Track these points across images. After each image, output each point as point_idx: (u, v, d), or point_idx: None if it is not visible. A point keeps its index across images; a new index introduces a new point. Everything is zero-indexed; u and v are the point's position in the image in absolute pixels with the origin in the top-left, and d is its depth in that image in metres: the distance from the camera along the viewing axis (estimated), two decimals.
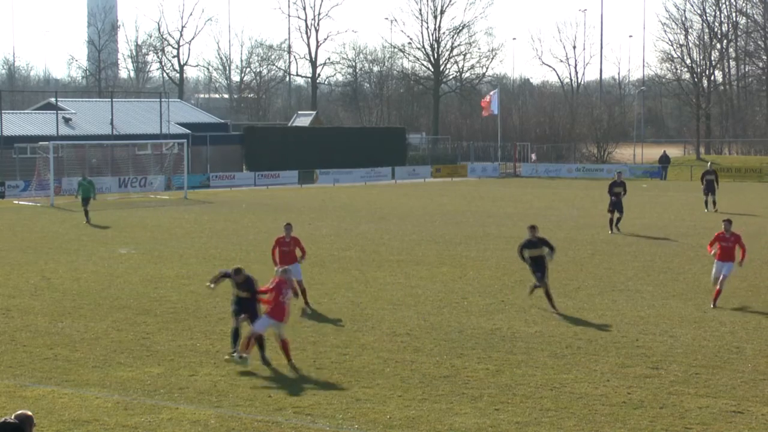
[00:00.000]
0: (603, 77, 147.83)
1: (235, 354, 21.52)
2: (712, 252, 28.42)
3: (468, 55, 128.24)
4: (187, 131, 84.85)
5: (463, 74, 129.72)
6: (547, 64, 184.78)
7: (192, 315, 26.81)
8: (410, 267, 35.41)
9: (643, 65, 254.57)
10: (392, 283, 32.09)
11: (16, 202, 64.48)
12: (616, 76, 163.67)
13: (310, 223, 50.43)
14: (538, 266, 27.65)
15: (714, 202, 57.13)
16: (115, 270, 34.76)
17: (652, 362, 21.52)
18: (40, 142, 69.71)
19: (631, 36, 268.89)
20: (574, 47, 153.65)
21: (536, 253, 27.75)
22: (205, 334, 24.38)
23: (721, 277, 27.79)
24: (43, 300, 28.94)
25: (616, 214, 46.25)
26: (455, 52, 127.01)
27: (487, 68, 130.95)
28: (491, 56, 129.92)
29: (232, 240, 43.63)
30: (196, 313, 27.02)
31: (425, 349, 22.81)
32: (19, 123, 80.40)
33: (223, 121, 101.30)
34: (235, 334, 22.15)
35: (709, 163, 66.92)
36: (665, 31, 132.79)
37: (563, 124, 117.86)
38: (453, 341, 23.63)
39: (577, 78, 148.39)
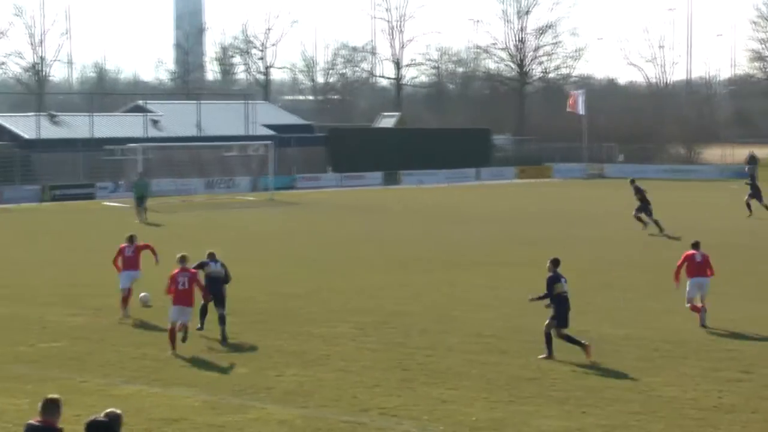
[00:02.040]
0: (691, 77, 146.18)
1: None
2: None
3: (553, 56, 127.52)
4: (273, 133, 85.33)
5: (548, 75, 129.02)
6: (633, 64, 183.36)
7: (278, 316, 26.94)
8: (495, 269, 35.30)
9: (732, 64, 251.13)
10: (477, 284, 32.01)
11: (105, 203, 65.28)
12: (705, 76, 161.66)
13: (395, 225, 50.47)
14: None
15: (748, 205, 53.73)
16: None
17: (743, 366, 21.21)
18: (129, 144, 70.46)
19: (719, 35, 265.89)
20: (662, 47, 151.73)
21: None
22: (292, 335, 24.48)
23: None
24: (133, 299, 29.23)
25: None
26: (540, 52, 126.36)
27: (572, 69, 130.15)
28: (577, 56, 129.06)
29: (317, 241, 43.77)
30: (282, 314, 27.16)
31: (511, 351, 22.72)
32: (109, 125, 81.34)
33: (308, 122, 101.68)
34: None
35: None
36: (755, 29, 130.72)
37: (650, 125, 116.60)
38: (539, 343, 23.45)
39: (665, 78, 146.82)
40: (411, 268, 35.58)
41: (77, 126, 78.80)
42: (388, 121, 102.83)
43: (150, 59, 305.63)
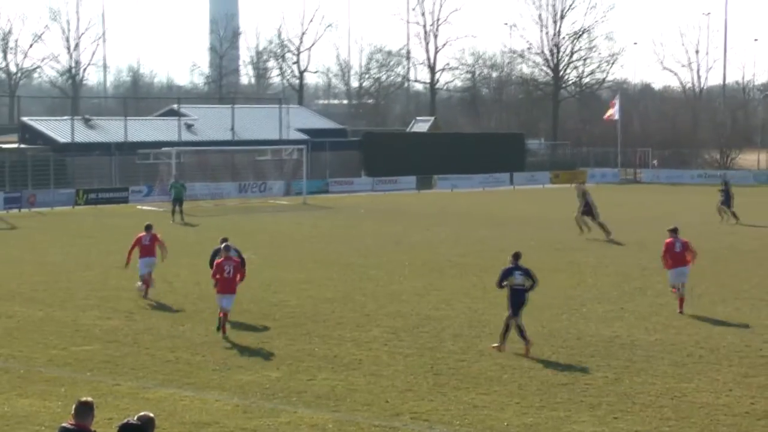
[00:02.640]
0: (726, 82, 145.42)
1: None
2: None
3: (588, 60, 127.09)
4: (307, 137, 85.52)
5: (582, 79, 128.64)
6: (668, 69, 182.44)
7: (310, 320, 27.01)
8: None
9: None
10: None
11: (139, 207, 65.59)
12: (740, 81, 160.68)
13: (428, 229, 50.46)
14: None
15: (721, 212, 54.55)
16: None
17: None
18: (163, 148, 70.78)
19: (756, 39, 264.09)
20: (697, 51, 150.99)
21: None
22: (323, 339, 24.54)
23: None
24: (166, 303, 29.41)
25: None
26: (575, 57, 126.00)
27: (607, 73, 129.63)
28: (612, 61, 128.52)
29: (350, 245, 43.83)
30: (314, 318, 27.22)
31: (543, 356, 22.69)
32: (143, 129, 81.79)
33: (341, 126, 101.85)
34: None
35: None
36: None
37: (685, 130, 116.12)
38: (571, 348, 23.47)
39: (700, 82, 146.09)
40: (444, 272, 35.58)
41: (112, 130, 79.25)
42: (422, 125, 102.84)
43: (184, 63, 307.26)
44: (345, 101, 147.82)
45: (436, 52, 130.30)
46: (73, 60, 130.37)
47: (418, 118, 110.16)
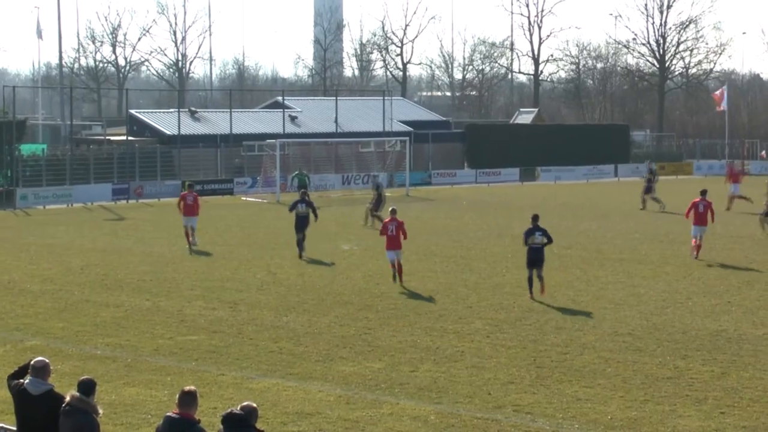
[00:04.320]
0: None
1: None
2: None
3: (695, 51, 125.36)
4: (410, 129, 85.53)
5: (689, 70, 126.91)
6: None
7: (412, 311, 27.03)
8: (632, 266, 34.89)
9: None
10: (614, 282, 31.71)
11: (244, 198, 66.19)
12: None
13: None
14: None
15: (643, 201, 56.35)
16: (338, 266, 35.34)
17: None
18: (268, 140, 71.33)
19: None
20: None
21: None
22: (426, 331, 24.55)
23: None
24: (269, 294, 29.65)
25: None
26: (681, 47, 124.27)
27: (714, 64, 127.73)
28: (719, 51, 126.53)
29: (452, 237, 43.76)
30: (416, 310, 27.23)
31: (648, 350, 22.45)
32: (248, 121, 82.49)
33: (445, 118, 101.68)
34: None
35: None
36: None
37: None
38: (677, 342, 23.18)
39: None
40: (547, 264, 35.28)
41: (217, 122, 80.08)
42: (525, 117, 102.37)
43: (289, 56, 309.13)
44: (448, 93, 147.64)
45: (540, 44, 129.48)
46: (180, 53, 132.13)
47: (521, 109, 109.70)
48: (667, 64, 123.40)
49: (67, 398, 12.29)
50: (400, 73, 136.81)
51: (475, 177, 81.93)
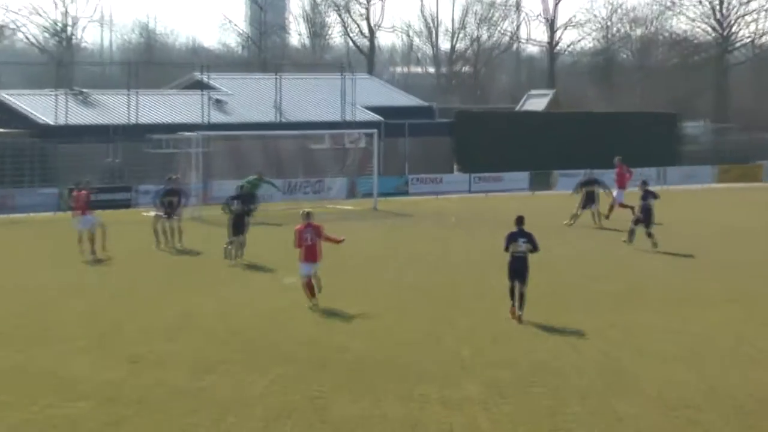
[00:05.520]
0: None
1: None
2: None
3: (766, 14, 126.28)
4: (379, 118, 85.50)
5: (758, 40, 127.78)
6: None
7: (381, 370, 26.83)
8: (686, 307, 34.83)
9: None
10: (662, 329, 31.69)
11: (146, 213, 63.82)
12: None
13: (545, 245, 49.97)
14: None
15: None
16: (276, 306, 35.05)
17: None
18: (181, 132, 70.70)
19: None
20: None
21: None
22: (399, 398, 24.27)
23: None
24: (183, 345, 29.45)
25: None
26: (748, 9, 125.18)
27: None
28: None
29: (436, 267, 43.60)
30: (386, 367, 27.02)
31: (710, 426, 22.19)
32: (157, 107, 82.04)
33: (427, 104, 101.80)
34: None
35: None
36: None
37: None
38: (748, 414, 22.94)
39: None
40: (569, 304, 35.19)
41: (114, 107, 79.58)
42: (537, 101, 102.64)
43: (214, 18, 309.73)
44: (431, 69, 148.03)
45: (556, 3, 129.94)
46: (65, 13, 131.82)
47: (531, 91, 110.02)
48: (728, 32, 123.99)
49: None
50: (366, 43, 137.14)
51: (468, 184, 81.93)
